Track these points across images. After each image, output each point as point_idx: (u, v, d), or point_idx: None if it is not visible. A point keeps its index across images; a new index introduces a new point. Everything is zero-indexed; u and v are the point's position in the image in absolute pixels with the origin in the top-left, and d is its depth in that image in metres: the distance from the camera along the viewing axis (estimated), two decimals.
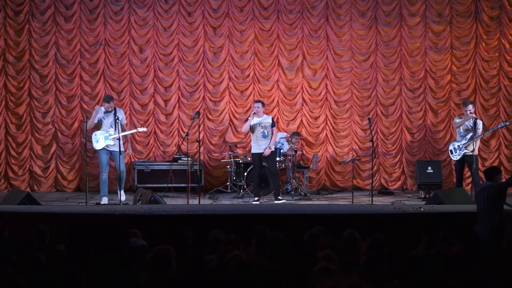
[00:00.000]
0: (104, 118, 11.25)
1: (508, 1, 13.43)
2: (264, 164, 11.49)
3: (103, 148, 11.24)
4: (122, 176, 11.35)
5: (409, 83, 13.52)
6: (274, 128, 11.50)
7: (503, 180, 8.15)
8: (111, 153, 11.33)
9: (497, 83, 13.55)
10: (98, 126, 11.36)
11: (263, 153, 11.29)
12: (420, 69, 13.52)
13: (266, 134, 11.33)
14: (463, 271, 4.68)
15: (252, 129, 11.38)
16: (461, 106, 12.47)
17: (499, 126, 12.11)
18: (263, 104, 11.64)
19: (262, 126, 11.34)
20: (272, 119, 11.62)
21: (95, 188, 12.27)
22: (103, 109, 11.37)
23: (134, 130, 11.81)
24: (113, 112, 11.29)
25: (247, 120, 11.62)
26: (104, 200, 11.26)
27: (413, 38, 13.49)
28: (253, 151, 11.46)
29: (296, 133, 13.05)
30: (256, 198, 11.37)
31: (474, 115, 11.32)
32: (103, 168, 11.33)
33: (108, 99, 11.37)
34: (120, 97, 13.19)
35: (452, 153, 11.47)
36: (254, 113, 11.35)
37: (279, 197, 11.37)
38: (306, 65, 13.44)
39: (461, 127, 11.34)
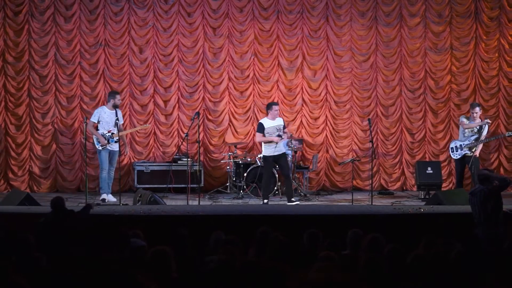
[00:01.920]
0: (105, 117, 11.30)
1: (507, 2, 13.44)
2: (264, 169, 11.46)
3: (105, 148, 11.30)
4: (113, 176, 11.63)
5: (409, 83, 13.52)
6: (286, 130, 11.46)
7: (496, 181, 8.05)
8: (109, 152, 11.43)
9: (497, 83, 13.55)
10: (97, 125, 11.47)
11: (276, 155, 11.08)
12: (420, 70, 13.52)
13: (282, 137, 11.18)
14: (462, 272, 4.68)
15: (268, 132, 11.10)
16: (460, 107, 12.50)
17: (507, 135, 11.91)
18: None
19: (277, 129, 11.11)
20: (284, 121, 11.52)
21: (95, 189, 12.26)
22: (105, 108, 11.50)
23: (137, 128, 11.87)
24: (114, 111, 11.37)
25: (260, 124, 11.21)
26: (104, 196, 11.34)
27: (413, 38, 13.49)
28: (266, 154, 11.16)
29: (300, 140, 13.01)
30: (265, 201, 11.16)
31: (488, 121, 11.39)
32: (104, 166, 11.41)
33: (116, 92, 11.78)
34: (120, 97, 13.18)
35: (452, 151, 11.49)
36: (275, 115, 11.19)
37: (292, 199, 11.15)
38: (306, 66, 13.44)
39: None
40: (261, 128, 11.16)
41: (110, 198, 11.54)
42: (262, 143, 11.27)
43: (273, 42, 13.38)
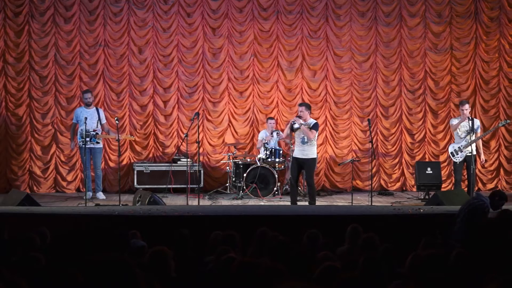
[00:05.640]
0: (86, 117, 11.43)
1: (507, 2, 13.44)
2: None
3: (86, 147, 11.54)
4: (100, 174, 12.10)
5: (409, 84, 13.52)
6: (313, 130, 10.68)
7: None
8: (91, 150, 11.78)
9: (497, 84, 13.55)
10: (78, 124, 11.88)
11: (300, 158, 10.68)
12: (420, 70, 13.52)
13: (306, 140, 10.68)
14: (462, 272, 4.69)
15: (295, 133, 10.77)
16: (459, 107, 12.44)
17: (500, 124, 12.08)
18: (308, 107, 10.93)
19: (301, 131, 10.69)
20: (315, 124, 10.81)
21: (94, 190, 12.27)
22: (82, 107, 12.03)
23: (113, 136, 11.91)
24: (95, 109, 11.87)
25: (288, 123, 10.84)
26: (89, 195, 11.45)
27: (413, 39, 13.49)
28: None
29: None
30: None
31: (468, 115, 11.32)
32: (87, 165, 11.76)
33: (86, 91, 12.18)
34: (119, 98, 13.20)
35: (453, 155, 11.43)
36: (299, 116, 10.64)
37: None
38: (306, 66, 13.44)
39: (461, 129, 11.36)
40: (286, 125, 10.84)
41: (99, 196, 11.97)
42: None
43: (273, 42, 13.38)
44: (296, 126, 10.70)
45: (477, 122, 11.40)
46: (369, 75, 13.48)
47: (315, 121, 10.94)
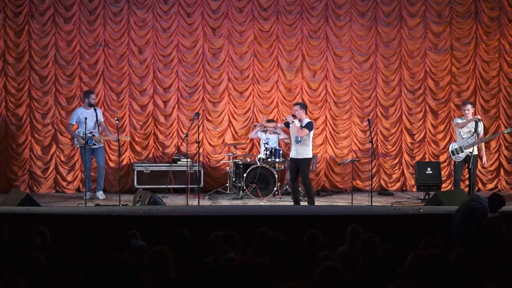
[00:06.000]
0: (86, 117, 11.44)
1: (507, 2, 13.44)
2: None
3: (87, 147, 11.56)
4: (103, 173, 12.15)
5: (409, 84, 13.52)
6: (305, 129, 10.64)
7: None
8: (92, 150, 11.85)
9: (497, 84, 13.55)
10: (78, 124, 11.93)
11: (295, 159, 10.75)
12: (420, 70, 13.52)
13: (299, 139, 10.71)
14: (462, 272, 4.68)
15: (290, 132, 10.91)
16: (461, 107, 12.47)
17: (506, 131, 12.02)
18: (303, 106, 10.96)
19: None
20: (309, 123, 10.75)
21: (95, 190, 12.27)
22: (82, 108, 12.00)
23: (112, 137, 11.90)
24: (93, 110, 11.83)
25: (285, 121, 10.99)
26: (89, 195, 11.42)
27: (413, 39, 13.49)
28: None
29: None
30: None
31: (478, 116, 11.30)
32: (87, 165, 11.73)
33: (91, 92, 12.15)
34: (119, 98, 13.20)
35: (453, 154, 11.42)
36: (294, 116, 10.70)
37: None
38: (306, 66, 13.44)
39: (463, 129, 11.32)
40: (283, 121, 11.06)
41: (99, 195, 12.01)
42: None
43: (273, 42, 13.38)
44: (290, 125, 10.77)
45: (480, 125, 11.38)
46: (369, 75, 13.48)
47: (309, 120, 10.95)
